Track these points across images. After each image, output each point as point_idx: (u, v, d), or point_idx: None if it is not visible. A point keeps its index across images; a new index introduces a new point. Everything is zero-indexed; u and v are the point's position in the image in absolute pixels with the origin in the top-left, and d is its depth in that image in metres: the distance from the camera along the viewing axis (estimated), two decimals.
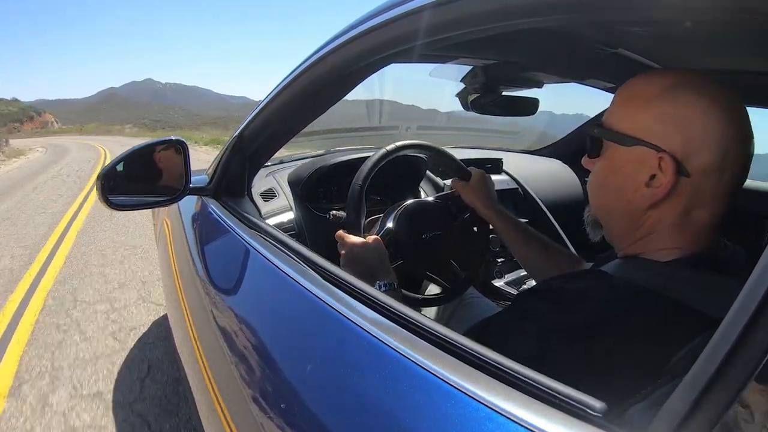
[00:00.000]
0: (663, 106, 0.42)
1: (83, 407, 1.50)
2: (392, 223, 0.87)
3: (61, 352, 1.85)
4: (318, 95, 0.71)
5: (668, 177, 0.41)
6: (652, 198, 0.43)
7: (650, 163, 0.42)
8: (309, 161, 1.26)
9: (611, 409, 0.28)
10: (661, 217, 0.44)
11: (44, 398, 1.54)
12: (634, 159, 0.44)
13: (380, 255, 0.74)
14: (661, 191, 0.42)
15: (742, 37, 0.56)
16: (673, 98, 0.41)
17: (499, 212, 0.88)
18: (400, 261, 0.83)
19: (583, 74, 0.93)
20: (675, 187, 0.41)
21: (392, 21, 0.50)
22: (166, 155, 0.88)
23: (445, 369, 0.34)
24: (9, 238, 3.67)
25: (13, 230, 3.97)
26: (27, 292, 2.49)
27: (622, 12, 0.37)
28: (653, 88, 0.43)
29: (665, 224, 0.44)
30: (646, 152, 0.42)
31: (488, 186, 0.92)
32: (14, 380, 1.66)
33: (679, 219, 0.43)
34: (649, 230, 0.45)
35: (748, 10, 0.27)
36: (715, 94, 0.41)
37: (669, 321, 0.38)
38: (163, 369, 1.72)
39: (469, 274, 0.93)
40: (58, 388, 1.60)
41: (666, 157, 0.41)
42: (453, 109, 1.31)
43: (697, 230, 0.43)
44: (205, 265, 0.82)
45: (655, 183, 0.42)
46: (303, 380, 0.46)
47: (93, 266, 2.95)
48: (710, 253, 0.44)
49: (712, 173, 0.40)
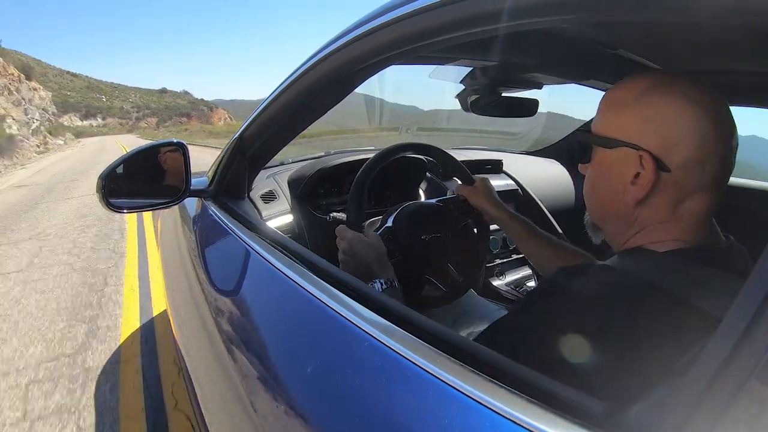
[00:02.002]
0: (639, 109, 0.45)
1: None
2: (392, 222, 0.87)
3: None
4: (318, 97, 0.71)
5: (650, 173, 0.44)
6: (638, 194, 0.45)
7: (633, 162, 0.45)
8: (309, 163, 1.26)
9: (612, 411, 0.28)
10: (651, 212, 0.46)
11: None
12: (619, 159, 0.47)
13: (378, 252, 0.74)
14: (644, 188, 0.45)
15: (741, 38, 0.56)
16: (648, 100, 0.45)
17: (510, 214, 0.89)
18: (398, 258, 0.83)
19: (583, 75, 0.93)
20: (658, 182, 0.44)
21: (392, 23, 0.50)
22: (166, 157, 0.89)
23: (445, 370, 0.34)
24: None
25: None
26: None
27: (622, 12, 0.37)
28: (630, 92, 0.46)
29: (657, 219, 0.46)
30: (629, 152, 0.45)
31: (493, 190, 0.93)
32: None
33: (669, 212, 0.45)
34: (643, 225, 0.47)
35: (748, 11, 0.27)
36: (688, 93, 0.43)
37: (668, 317, 0.38)
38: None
39: (468, 278, 0.93)
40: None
41: (645, 155, 0.44)
42: (453, 110, 1.31)
43: (690, 222, 0.45)
44: (206, 267, 0.82)
45: (640, 180, 0.45)
46: (303, 381, 0.46)
47: None
48: (707, 245, 0.45)
49: (693, 166, 0.43)
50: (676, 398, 0.24)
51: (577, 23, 0.58)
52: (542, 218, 1.47)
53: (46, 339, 2.01)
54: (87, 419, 1.46)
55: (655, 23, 0.56)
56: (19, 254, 3.43)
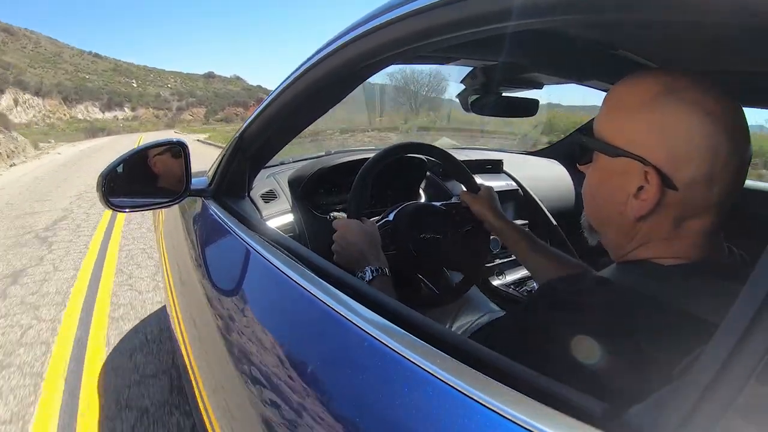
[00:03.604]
0: (648, 117, 0.41)
1: None
2: (393, 216, 0.88)
3: None
4: (318, 96, 0.71)
5: (654, 190, 0.41)
6: (640, 211, 0.42)
7: (637, 175, 0.42)
8: (309, 162, 1.26)
9: (612, 411, 0.28)
10: (652, 228, 0.43)
11: None
12: (621, 170, 0.43)
13: (373, 239, 0.74)
14: (648, 204, 0.42)
15: (742, 38, 0.56)
16: (658, 109, 0.41)
17: (511, 225, 0.88)
18: (393, 251, 0.83)
19: (583, 75, 0.93)
20: (662, 199, 0.41)
21: (391, 23, 0.50)
22: (166, 157, 0.89)
23: (444, 370, 0.34)
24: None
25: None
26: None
27: (623, 12, 0.37)
28: (638, 96, 0.42)
29: (658, 235, 0.43)
30: (633, 164, 0.42)
31: (496, 199, 0.93)
32: None
33: (671, 230, 0.43)
34: (643, 240, 0.45)
35: (748, 11, 0.27)
36: (702, 102, 0.39)
37: (668, 327, 0.38)
38: None
39: (462, 284, 0.93)
40: None
41: (651, 171, 0.40)
42: (453, 109, 1.32)
43: (692, 239, 0.43)
44: (206, 267, 0.82)
45: (643, 195, 0.42)
46: (302, 380, 0.46)
47: None
48: (710, 261, 0.43)
49: (700, 185, 0.40)
50: (676, 398, 0.24)
51: (577, 23, 0.58)
52: (542, 218, 1.47)
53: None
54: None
55: (655, 23, 0.56)
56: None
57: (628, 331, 0.38)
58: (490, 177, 1.48)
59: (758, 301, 0.21)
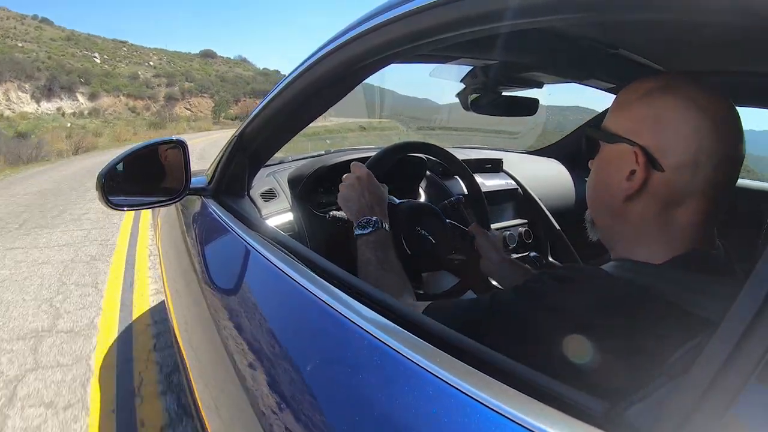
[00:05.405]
0: (640, 108, 0.46)
1: None
2: (399, 202, 0.90)
3: None
4: (318, 95, 0.71)
5: (642, 170, 0.44)
6: (629, 190, 0.46)
7: (629, 158, 0.45)
8: (309, 161, 1.26)
9: (611, 410, 0.28)
10: (640, 212, 0.46)
11: None
12: (617, 155, 0.47)
13: (383, 198, 0.77)
14: (635, 184, 0.45)
15: (742, 38, 0.56)
16: (649, 100, 0.45)
17: (511, 262, 0.88)
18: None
19: (583, 75, 0.93)
20: (649, 180, 0.44)
21: (392, 21, 0.50)
22: (166, 155, 0.88)
23: (444, 369, 0.34)
24: None
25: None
26: None
27: (623, 12, 0.37)
28: (635, 92, 0.47)
29: (648, 222, 0.46)
30: (626, 148, 0.46)
31: (500, 242, 0.95)
32: None
33: (660, 216, 0.45)
34: (634, 228, 0.47)
35: (748, 11, 0.27)
36: (693, 96, 0.43)
37: (664, 321, 0.38)
38: None
39: (435, 297, 0.94)
40: None
41: (639, 151, 0.44)
42: (453, 109, 1.31)
43: (682, 229, 0.45)
44: (206, 266, 0.82)
45: (634, 177, 0.45)
46: (302, 379, 0.46)
47: None
48: (700, 254, 0.45)
49: (685, 169, 0.43)
50: (676, 398, 0.24)
51: (577, 23, 0.58)
52: (542, 217, 1.47)
53: None
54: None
55: (655, 23, 0.56)
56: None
57: (619, 323, 0.39)
58: (490, 176, 1.48)
59: (758, 301, 0.22)
